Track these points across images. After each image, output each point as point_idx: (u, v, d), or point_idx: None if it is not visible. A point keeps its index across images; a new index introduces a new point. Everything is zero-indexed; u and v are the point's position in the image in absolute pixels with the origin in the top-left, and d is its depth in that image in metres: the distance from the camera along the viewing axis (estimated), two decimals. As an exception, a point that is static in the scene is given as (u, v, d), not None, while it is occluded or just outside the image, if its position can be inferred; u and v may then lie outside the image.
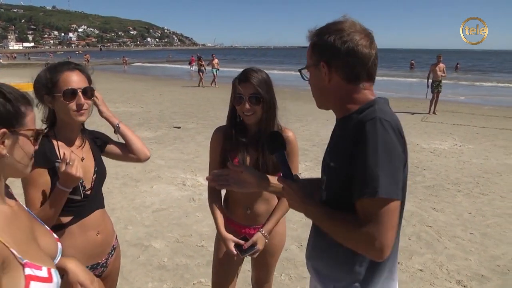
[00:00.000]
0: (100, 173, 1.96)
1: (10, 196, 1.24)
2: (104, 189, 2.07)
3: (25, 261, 1.06)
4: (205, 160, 7.93)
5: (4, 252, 1.01)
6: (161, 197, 5.44)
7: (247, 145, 2.12)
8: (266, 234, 2.15)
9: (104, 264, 1.96)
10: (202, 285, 3.40)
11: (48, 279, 1.11)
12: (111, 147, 2.11)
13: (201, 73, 22.73)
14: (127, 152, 2.14)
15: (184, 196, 5.48)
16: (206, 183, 6.19)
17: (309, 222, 3.99)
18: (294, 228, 4.36)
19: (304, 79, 1.52)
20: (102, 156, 2.08)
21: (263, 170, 2.08)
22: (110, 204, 5.00)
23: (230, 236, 2.12)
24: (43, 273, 1.10)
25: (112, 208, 4.89)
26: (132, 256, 3.83)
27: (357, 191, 1.24)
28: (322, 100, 1.49)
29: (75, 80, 1.77)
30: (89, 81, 1.87)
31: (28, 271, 1.06)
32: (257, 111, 2.04)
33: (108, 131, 2.18)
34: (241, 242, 2.11)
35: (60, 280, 1.17)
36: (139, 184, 5.90)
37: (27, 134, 1.16)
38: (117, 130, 2.10)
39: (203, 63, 22.98)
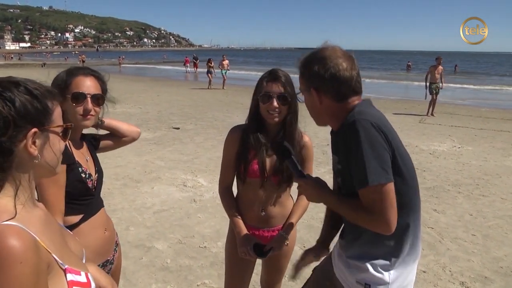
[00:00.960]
0: (100, 172, 1.99)
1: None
2: (105, 190, 2.08)
3: (66, 266, 1.04)
4: (205, 161, 7.96)
5: (48, 258, 0.98)
6: (162, 198, 5.42)
7: (267, 147, 2.10)
8: (286, 235, 2.15)
9: (112, 261, 2.00)
10: (206, 286, 3.38)
11: (87, 284, 1.09)
12: (103, 142, 2.12)
13: (209, 75, 22.06)
14: (120, 138, 2.16)
15: (185, 197, 5.47)
16: (206, 184, 6.18)
17: (312, 223, 4.05)
18: (297, 229, 4.34)
19: (299, 101, 1.79)
20: (98, 153, 2.11)
21: (288, 173, 2.09)
22: (111, 205, 4.98)
23: (252, 237, 2.12)
24: (82, 278, 1.08)
25: (113, 209, 4.87)
26: (134, 258, 3.81)
27: (355, 184, 1.49)
28: (318, 119, 1.71)
29: (87, 85, 1.80)
30: (103, 89, 1.88)
31: (69, 276, 1.04)
32: (283, 111, 2.04)
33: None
34: (260, 241, 2.11)
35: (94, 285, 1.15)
36: (139, 185, 5.88)
37: (56, 130, 1.10)
38: (101, 125, 2.08)
39: (212, 64, 22.30)
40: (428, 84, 13.22)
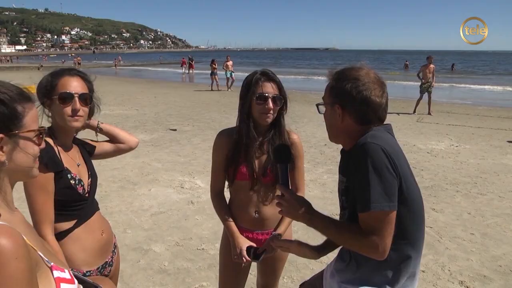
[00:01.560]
0: (94, 177, 1.98)
1: None
2: (102, 192, 2.07)
3: (52, 264, 1.05)
4: (202, 162, 7.95)
5: (35, 255, 0.99)
6: (159, 200, 5.39)
7: (255, 149, 2.08)
8: (280, 237, 2.12)
9: (111, 263, 1.99)
10: (204, 289, 3.36)
11: (72, 281, 1.11)
12: (100, 148, 2.10)
13: (214, 76, 21.59)
14: (117, 145, 2.14)
15: (182, 199, 5.44)
16: (204, 185, 6.14)
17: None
18: (295, 230, 4.32)
19: (319, 112, 1.71)
20: (95, 160, 2.10)
21: (277, 176, 2.06)
22: (108, 207, 4.94)
23: (246, 241, 2.09)
24: (67, 275, 1.10)
25: (110, 211, 4.84)
26: (132, 261, 3.78)
27: (358, 207, 1.46)
28: (333, 135, 1.69)
29: (73, 85, 1.77)
30: (90, 89, 1.86)
31: (56, 273, 1.05)
32: (275, 112, 2.03)
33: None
34: (254, 245, 2.09)
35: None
36: (136, 187, 5.85)
37: (27, 135, 1.08)
38: (99, 130, 2.09)
39: (216, 66, 21.85)
40: (420, 83, 13.59)
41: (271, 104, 1.99)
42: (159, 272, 3.61)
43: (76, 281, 1.14)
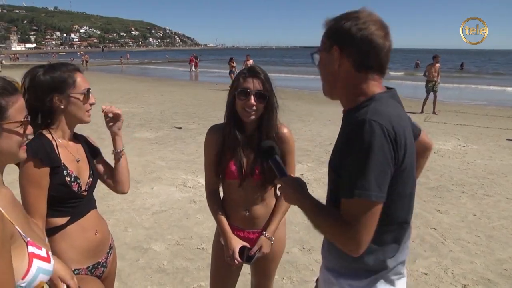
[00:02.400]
0: (95, 176, 1.96)
1: None
2: (104, 190, 2.05)
3: (28, 239, 1.10)
4: (206, 161, 7.80)
5: (11, 228, 1.04)
6: (162, 198, 5.37)
7: (243, 146, 2.04)
8: (270, 236, 2.08)
9: (104, 264, 1.96)
10: (202, 289, 3.33)
11: (47, 259, 1.14)
12: (99, 163, 2.06)
13: (232, 75, 21.27)
14: (109, 176, 2.08)
15: (185, 197, 5.42)
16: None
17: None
18: (296, 230, 4.29)
19: (314, 63, 1.51)
20: None
21: (268, 174, 2.01)
22: (110, 205, 4.94)
23: (239, 241, 2.06)
24: (43, 253, 1.14)
25: (111, 210, 4.83)
26: (131, 259, 3.76)
27: (341, 191, 1.31)
28: (329, 87, 1.48)
29: (86, 80, 1.85)
30: None
31: (31, 248, 1.10)
32: (259, 109, 1.97)
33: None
34: (247, 245, 2.06)
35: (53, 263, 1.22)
36: (139, 185, 5.83)
37: (11, 126, 1.16)
38: (118, 154, 2.06)
39: (235, 64, 21.74)
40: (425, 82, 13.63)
41: (252, 100, 1.93)
42: (157, 271, 3.58)
43: (52, 261, 1.17)
